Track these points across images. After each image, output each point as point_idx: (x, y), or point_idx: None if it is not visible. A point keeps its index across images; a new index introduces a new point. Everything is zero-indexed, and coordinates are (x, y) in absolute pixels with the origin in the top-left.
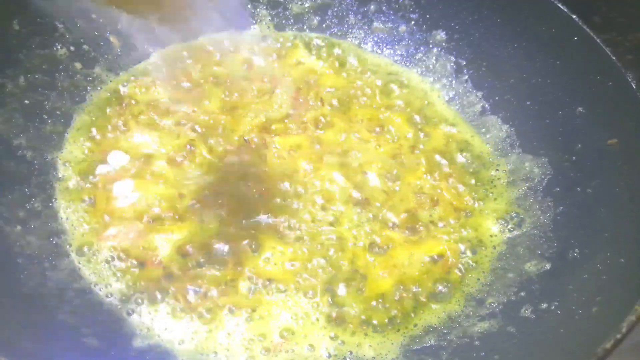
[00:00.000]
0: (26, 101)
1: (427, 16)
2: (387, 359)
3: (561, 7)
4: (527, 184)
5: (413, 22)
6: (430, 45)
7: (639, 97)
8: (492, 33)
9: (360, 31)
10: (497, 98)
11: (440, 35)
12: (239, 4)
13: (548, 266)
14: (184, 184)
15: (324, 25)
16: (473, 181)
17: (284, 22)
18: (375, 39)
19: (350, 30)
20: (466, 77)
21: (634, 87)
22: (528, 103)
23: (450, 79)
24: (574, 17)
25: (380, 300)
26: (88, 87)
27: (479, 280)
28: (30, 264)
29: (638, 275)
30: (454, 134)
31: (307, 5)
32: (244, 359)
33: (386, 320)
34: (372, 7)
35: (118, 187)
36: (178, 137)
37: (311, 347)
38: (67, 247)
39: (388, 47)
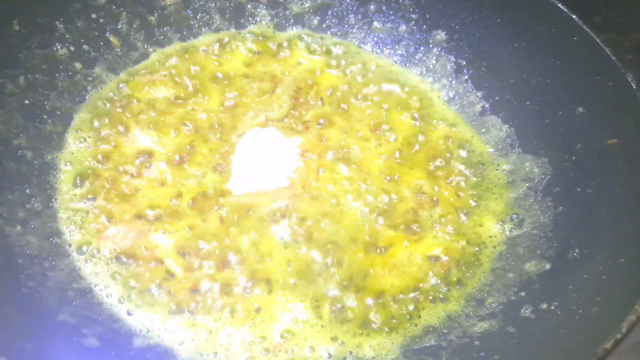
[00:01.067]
0: (26, 101)
1: (427, 16)
2: (387, 359)
3: (561, 7)
4: (527, 184)
5: (413, 22)
6: (430, 45)
7: (639, 97)
8: (492, 33)
9: (360, 31)
10: (497, 98)
11: (440, 35)
12: (239, 4)
13: (548, 266)
14: (184, 184)
15: (324, 25)
16: (473, 181)
17: (284, 22)
18: (375, 39)
19: (350, 30)
20: (466, 77)
21: (634, 87)
22: (528, 103)
23: (450, 79)
24: (574, 17)
25: (380, 301)
26: (88, 87)
27: (479, 280)
28: (30, 264)
29: (638, 275)
30: (454, 134)
31: (307, 5)
32: None
33: (386, 320)
34: (372, 7)
35: (118, 187)
36: (178, 137)
37: (311, 348)
38: (67, 247)
39: (388, 47)
